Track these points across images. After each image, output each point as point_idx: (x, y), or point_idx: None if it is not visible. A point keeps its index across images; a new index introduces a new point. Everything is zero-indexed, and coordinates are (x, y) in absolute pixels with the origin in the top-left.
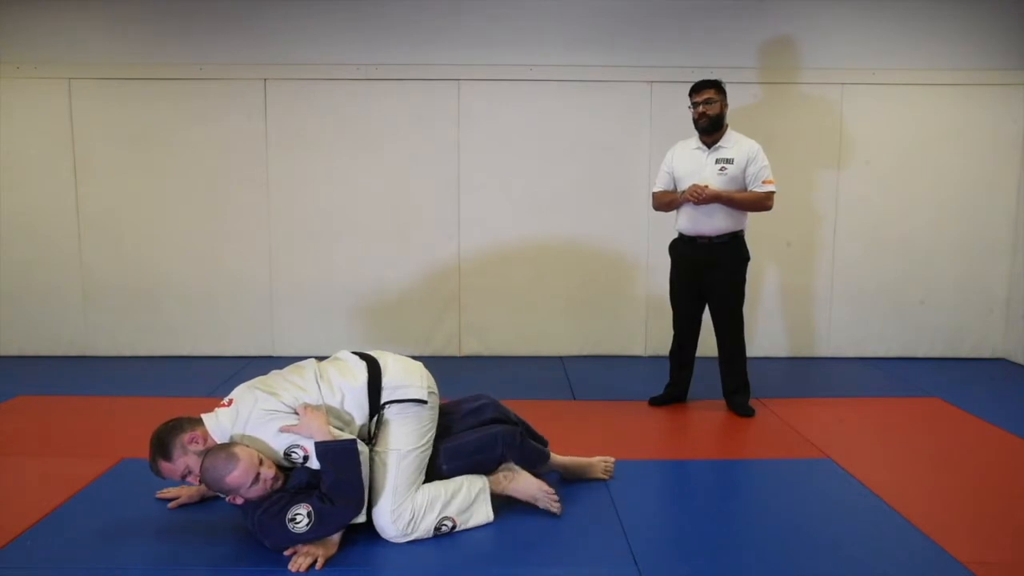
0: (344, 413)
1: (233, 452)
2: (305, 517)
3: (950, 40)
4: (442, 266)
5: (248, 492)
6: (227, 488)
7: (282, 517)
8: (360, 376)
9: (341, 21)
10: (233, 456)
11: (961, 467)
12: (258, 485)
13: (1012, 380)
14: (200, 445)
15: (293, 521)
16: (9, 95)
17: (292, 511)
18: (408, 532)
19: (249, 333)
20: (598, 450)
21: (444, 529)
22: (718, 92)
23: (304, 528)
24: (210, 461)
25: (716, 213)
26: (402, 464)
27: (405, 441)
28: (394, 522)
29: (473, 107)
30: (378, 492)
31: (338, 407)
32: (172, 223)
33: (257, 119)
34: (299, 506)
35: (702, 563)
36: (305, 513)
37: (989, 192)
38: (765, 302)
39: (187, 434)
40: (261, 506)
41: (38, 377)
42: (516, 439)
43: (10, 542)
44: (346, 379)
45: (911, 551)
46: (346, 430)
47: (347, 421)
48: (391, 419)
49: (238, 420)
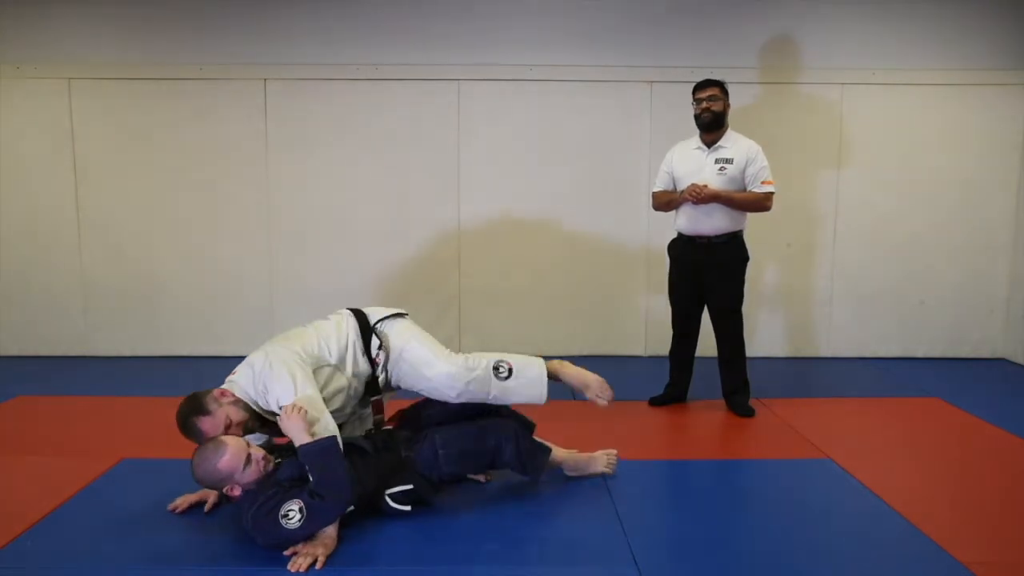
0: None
1: (220, 440)
2: (297, 513)
3: (950, 40)
4: (442, 266)
5: (243, 477)
6: (222, 475)
7: (275, 514)
8: (344, 311)
9: (341, 21)
10: (221, 443)
11: (961, 467)
12: (251, 467)
13: (1012, 380)
14: (230, 397)
15: (286, 517)
16: (9, 95)
17: (285, 507)
18: (470, 369)
19: (249, 333)
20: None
21: (502, 370)
22: (722, 91)
23: (297, 524)
24: (199, 455)
25: (715, 213)
26: (422, 339)
27: (409, 332)
28: (450, 371)
29: (473, 107)
30: (424, 364)
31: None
32: (172, 223)
33: (257, 119)
34: (291, 502)
35: (702, 563)
36: (297, 509)
37: (989, 192)
38: (765, 302)
39: (214, 391)
40: (256, 502)
41: (38, 377)
42: (510, 431)
43: (10, 542)
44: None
45: (911, 551)
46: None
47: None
48: (387, 331)
49: (254, 375)
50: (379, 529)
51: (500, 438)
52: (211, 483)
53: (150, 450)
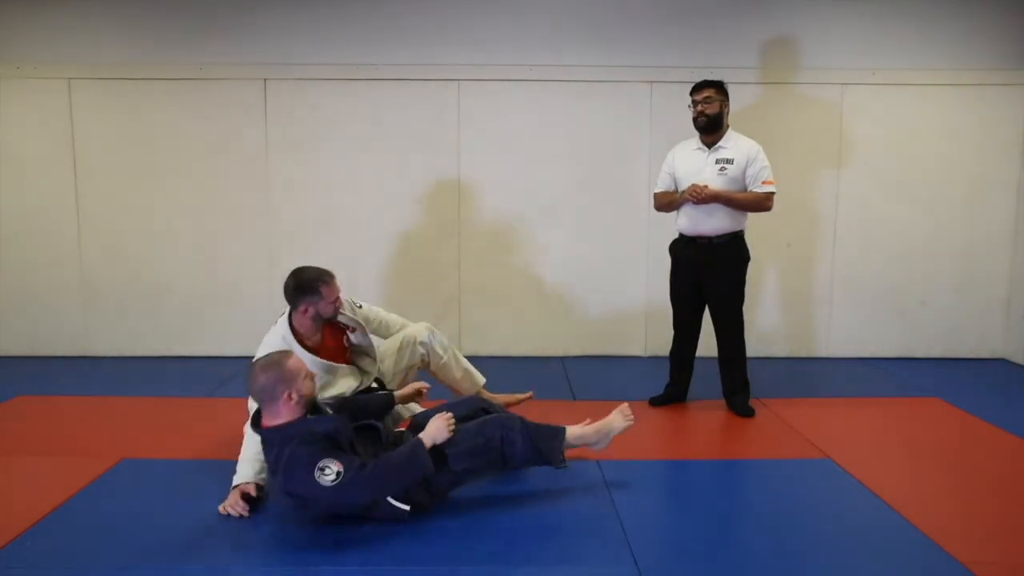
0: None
1: (288, 350)
2: (333, 473)
3: (950, 40)
4: (442, 266)
5: (300, 387)
6: (286, 374)
7: (314, 463)
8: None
9: (341, 21)
10: (289, 351)
11: (961, 467)
12: (308, 382)
13: (1012, 380)
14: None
15: (322, 472)
16: (9, 95)
17: (325, 462)
18: None
19: (249, 333)
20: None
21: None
22: (718, 92)
23: (328, 482)
24: (266, 358)
25: (716, 213)
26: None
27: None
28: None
29: (473, 107)
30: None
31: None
32: (172, 223)
33: (257, 119)
34: (334, 462)
35: (702, 563)
36: (335, 470)
37: (989, 192)
38: (765, 302)
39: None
40: (300, 444)
41: (38, 377)
42: (515, 421)
43: (10, 542)
44: None
45: (911, 551)
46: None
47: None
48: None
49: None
50: (379, 529)
51: (505, 428)
52: (272, 380)
53: (150, 450)
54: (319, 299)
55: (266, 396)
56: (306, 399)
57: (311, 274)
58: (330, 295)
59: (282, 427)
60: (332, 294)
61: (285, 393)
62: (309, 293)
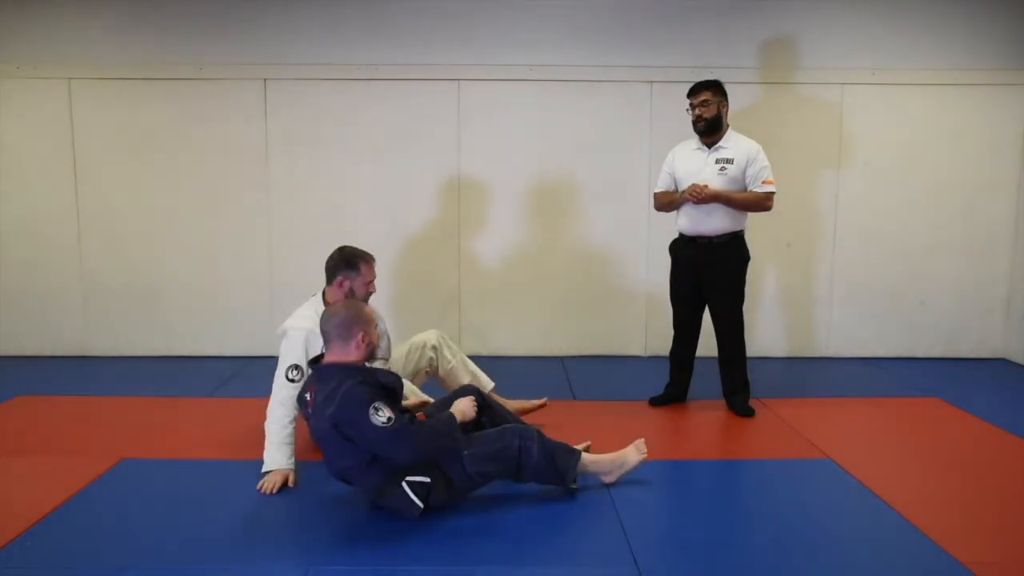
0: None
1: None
2: (385, 419)
3: (950, 40)
4: (442, 266)
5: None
6: (363, 317)
7: (371, 401)
8: None
9: (341, 21)
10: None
11: (961, 467)
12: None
13: (1012, 380)
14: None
15: (376, 411)
16: (9, 95)
17: (382, 404)
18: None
19: (249, 333)
20: (598, 450)
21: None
22: (714, 94)
23: (379, 423)
24: (346, 303)
25: (716, 213)
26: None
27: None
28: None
29: (473, 107)
30: None
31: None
32: (172, 223)
33: (257, 119)
34: (389, 409)
35: (702, 563)
36: (388, 416)
37: (989, 192)
38: (765, 302)
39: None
40: (362, 380)
41: (38, 377)
42: (533, 433)
43: (10, 542)
44: None
45: (911, 551)
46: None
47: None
48: None
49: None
50: (379, 529)
51: (524, 438)
52: (351, 318)
53: (150, 450)
54: (356, 275)
55: (342, 332)
56: (372, 347)
57: (354, 251)
58: (367, 275)
59: (346, 364)
60: (369, 275)
61: (360, 333)
62: (347, 267)
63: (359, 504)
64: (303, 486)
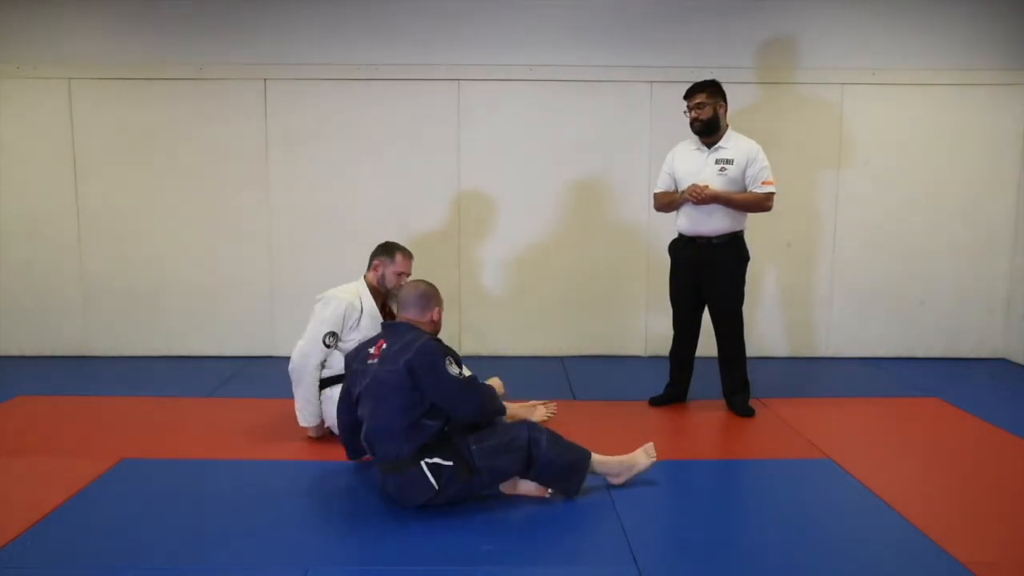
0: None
1: None
2: (457, 371)
3: (950, 40)
4: (442, 266)
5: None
6: (433, 294)
7: (447, 354)
8: None
9: (341, 21)
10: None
11: (961, 467)
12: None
13: (1012, 380)
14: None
15: (451, 363)
16: (9, 95)
17: (457, 360)
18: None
19: (249, 333)
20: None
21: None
22: (710, 95)
23: (453, 372)
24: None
25: (715, 213)
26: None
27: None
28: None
29: (473, 107)
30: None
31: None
32: (172, 223)
33: (257, 119)
34: (458, 365)
35: (702, 563)
36: (461, 370)
37: (989, 192)
38: (765, 302)
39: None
40: (434, 337)
41: (38, 377)
42: (542, 429)
43: (10, 542)
44: None
45: (911, 551)
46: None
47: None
48: None
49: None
50: (380, 528)
51: (533, 429)
52: (432, 293)
53: (150, 450)
54: (390, 262)
55: (420, 303)
56: (439, 326)
57: (395, 243)
58: (400, 265)
59: (421, 326)
60: (402, 266)
61: (436, 308)
62: (384, 253)
63: (358, 504)
64: (303, 486)
